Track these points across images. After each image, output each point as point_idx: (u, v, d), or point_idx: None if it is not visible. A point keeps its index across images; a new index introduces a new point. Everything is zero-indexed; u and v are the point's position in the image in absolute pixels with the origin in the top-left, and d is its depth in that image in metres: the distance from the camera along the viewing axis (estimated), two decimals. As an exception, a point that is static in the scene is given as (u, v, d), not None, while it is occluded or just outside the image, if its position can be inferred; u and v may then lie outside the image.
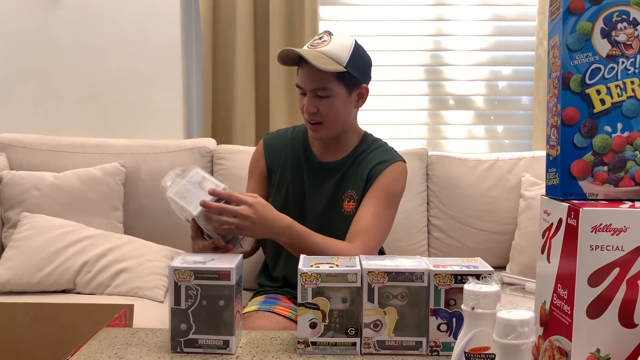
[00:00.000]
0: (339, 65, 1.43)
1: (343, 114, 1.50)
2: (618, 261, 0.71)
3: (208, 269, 0.97)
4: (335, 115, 1.48)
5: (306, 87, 1.47)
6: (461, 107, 2.64)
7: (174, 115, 2.54)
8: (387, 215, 1.50)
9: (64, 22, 2.49)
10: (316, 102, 1.46)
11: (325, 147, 1.57)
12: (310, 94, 1.47)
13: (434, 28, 2.61)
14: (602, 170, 0.76)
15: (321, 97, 1.46)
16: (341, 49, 1.45)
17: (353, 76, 1.47)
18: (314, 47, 1.45)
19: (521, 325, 0.65)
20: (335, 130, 1.52)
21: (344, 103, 1.49)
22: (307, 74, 1.46)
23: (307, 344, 0.97)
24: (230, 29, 2.47)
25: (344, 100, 1.48)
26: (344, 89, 1.47)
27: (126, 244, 1.98)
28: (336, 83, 1.46)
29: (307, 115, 1.49)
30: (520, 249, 2.15)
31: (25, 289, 1.87)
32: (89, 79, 2.52)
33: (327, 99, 1.46)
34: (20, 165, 2.20)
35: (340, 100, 1.48)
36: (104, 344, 1.01)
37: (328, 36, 1.46)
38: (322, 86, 1.45)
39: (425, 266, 0.97)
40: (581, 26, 0.75)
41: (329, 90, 1.45)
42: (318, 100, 1.46)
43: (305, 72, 1.46)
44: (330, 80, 1.45)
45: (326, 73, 1.43)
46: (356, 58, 1.47)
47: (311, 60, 1.40)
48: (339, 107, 1.48)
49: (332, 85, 1.45)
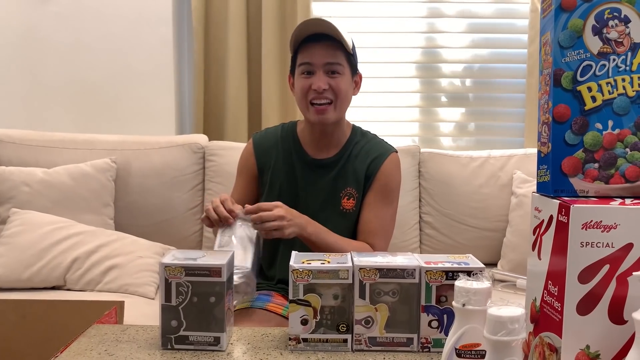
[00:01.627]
0: (349, 45, 1.45)
1: (349, 96, 1.51)
2: (608, 258, 0.71)
3: (199, 265, 0.96)
4: (345, 95, 1.48)
5: (319, 62, 1.45)
6: (453, 104, 2.65)
7: (166, 112, 2.53)
8: (391, 212, 1.56)
9: (55, 17, 2.47)
10: (327, 79, 1.45)
11: (317, 143, 1.56)
12: (321, 70, 1.45)
13: (426, 25, 2.61)
14: (593, 167, 0.76)
15: (332, 74, 1.45)
16: (345, 33, 1.46)
17: (354, 62, 1.50)
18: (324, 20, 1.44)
19: (511, 321, 0.65)
20: (340, 114, 1.52)
21: (349, 85, 1.50)
22: (320, 49, 1.44)
23: (299, 340, 0.97)
24: (222, 26, 2.46)
25: (349, 82, 1.50)
26: (350, 72, 1.49)
27: (117, 240, 1.97)
28: (346, 63, 1.47)
29: (314, 95, 1.45)
30: (511, 246, 2.16)
31: (15, 285, 1.86)
32: (81, 75, 2.51)
33: (338, 76, 1.46)
34: (10, 161, 2.18)
35: (348, 81, 1.49)
36: (94, 341, 1.01)
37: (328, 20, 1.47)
38: (337, 61, 1.44)
39: (417, 263, 0.97)
40: (573, 23, 0.75)
41: (341, 67, 1.45)
42: (329, 78, 1.45)
43: (319, 47, 1.44)
44: (342, 59, 1.46)
45: (339, 50, 1.44)
46: (354, 47, 1.50)
47: (335, 32, 1.40)
48: (347, 87, 1.49)
49: (344, 63, 1.46)
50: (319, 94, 1.45)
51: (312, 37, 1.45)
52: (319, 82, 1.44)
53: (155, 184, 2.22)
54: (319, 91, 1.45)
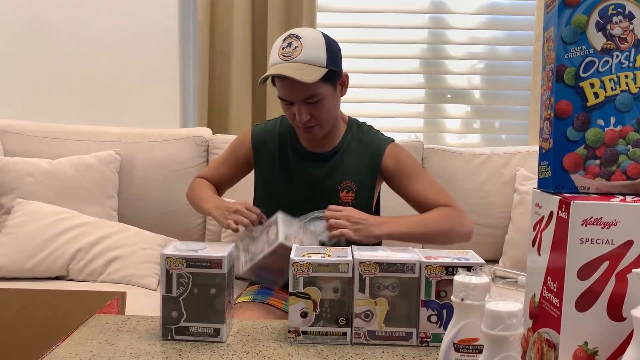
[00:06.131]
0: (322, 68, 1.39)
1: (334, 110, 1.50)
2: (608, 255, 0.71)
3: (200, 257, 0.97)
4: (328, 115, 1.47)
5: (294, 99, 1.42)
6: (458, 100, 2.64)
7: (170, 104, 2.54)
8: (427, 177, 1.59)
9: (61, 9, 2.48)
10: (308, 109, 1.43)
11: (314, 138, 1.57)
12: (300, 103, 1.42)
13: (431, 20, 2.60)
14: (594, 163, 0.76)
15: (312, 104, 1.42)
16: (316, 50, 1.39)
17: (334, 71, 1.43)
18: (289, 58, 1.37)
19: (509, 316, 0.65)
20: (329, 127, 1.51)
21: (333, 99, 1.47)
22: (292, 88, 1.40)
23: (298, 333, 0.98)
24: (228, 19, 2.46)
25: (332, 97, 1.46)
26: (330, 87, 1.44)
27: (120, 231, 1.98)
28: (323, 85, 1.41)
29: (299, 123, 1.45)
30: (513, 243, 2.16)
31: (18, 275, 1.87)
32: (85, 67, 2.51)
33: (318, 103, 1.43)
34: (15, 152, 2.19)
35: (330, 99, 1.45)
36: (95, 331, 1.01)
37: (297, 40, 1.39)
38: (311, 94, 1.40)
39: (417, 257, 0.97)
40: (576, 19, 0.75)
41: (318, 95, 1.41)
42: (309, 107, 1.43)
43: (289, 86, 1.40)
44: (317, 86, 1.40)
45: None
46: (330, 52, 1.41)
47: (298, 78, 1.34)
48: (331, 106, 1.46)
49: (320, 89, 1.41)
50: (302, 122, 1.45)
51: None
52: (300, 115, 1.43)
53: (159, 177, 2.23)
54: (302, 122, 1.44)
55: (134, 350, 0.94)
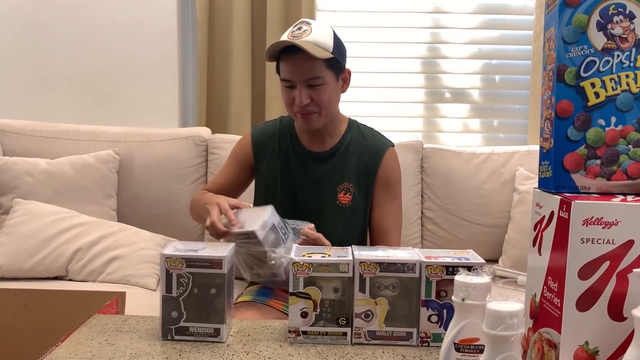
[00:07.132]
0: (328, 52, 1.42)
1: (335, 100, 1.51)
2: (608, 254, 0.71)
3: (200, 257, 0.96)
4: (329, 102, 1.48)
5: (297, 79, 1.44)
6: (457, 100, 2.64)
7: (169, 104, 2.53)
8: (397, 205, 1.60)
9: (59, 7, 2.47)
10: (309, 93, 1.45)
11: (313, 136, 1.57)
12: (302, 84, 1.44)
13: (431, 20, 2.60)
14: (595, 163, 0.76)
15: (313, 87, 1.44)
16: (325, 35, 1.44)
17: (338, 61, 1.47)
18: (297, 38, 1.40)
19: (510, 316, 0.65)
20: (328, 118, 1.51)
21: (334, 89, 1.49)
22: (297, 65, 1.43)
23: (298, 333, 0.98)
24: (227, 18, 2.46)
25: (334, 86, 1.48)
26: (333, 76, 1.47)
27: (119, 231, 1.98)
28: (326, 70, 1.44)
29: (298, 107, 1.46)
30: (513, 243, 2.16)
31: (17, 275, 1.87)
32: (84, 66, 2.51)
33: (319, 87, 1.45)
34: (14, 151, 2.19)
35: (331, 87, 1.47)
36: (95, 331, 1.01)
37: (307, 25, 1.43)
38: (315, 75, 1.43)
39: (417, 257, 0.97)
40: (577, 19, 0.75)
41: (321, 78, 1.44)
42: (311, 90, 1.45)
43: (295, 63, 1.43)
44: (321, 69, 1.43)
45: (317, 62, 1.41)
46: (337, 43, 1.47)
47: (307, 49, 1.38)
48: (331, 94, 1.48)
49: (324, 73, 1.44)
50: (302, 107, 1.46)
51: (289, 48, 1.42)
52: (300, 97, 1.44)
53: (158, 176, 2.22)
54: (302, 105, 1.45)
55: (133, 351, 0.93)
